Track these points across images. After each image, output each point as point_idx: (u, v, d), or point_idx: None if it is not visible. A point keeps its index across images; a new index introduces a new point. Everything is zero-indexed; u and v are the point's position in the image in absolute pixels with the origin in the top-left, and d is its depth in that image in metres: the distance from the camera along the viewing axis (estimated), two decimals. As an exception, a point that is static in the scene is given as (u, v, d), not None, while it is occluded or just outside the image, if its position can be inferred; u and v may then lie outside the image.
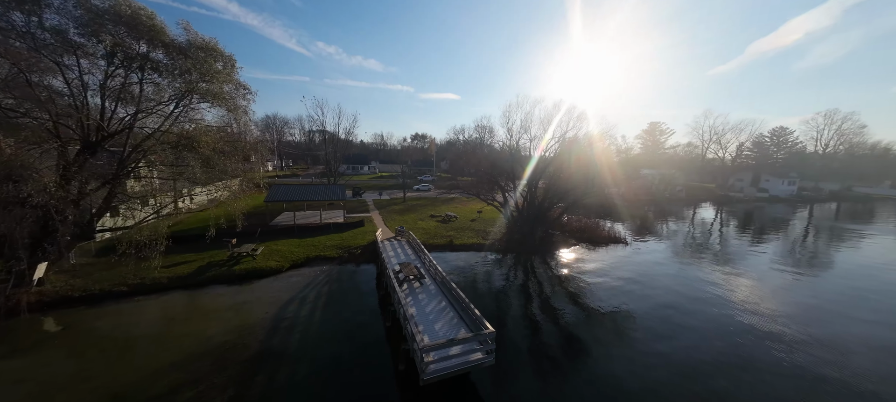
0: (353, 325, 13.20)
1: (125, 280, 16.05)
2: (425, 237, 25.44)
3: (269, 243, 22.68)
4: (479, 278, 18.83)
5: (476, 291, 17.01)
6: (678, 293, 17.38)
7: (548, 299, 16.47)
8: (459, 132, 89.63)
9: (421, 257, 18.05)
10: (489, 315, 14.38)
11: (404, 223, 29.75)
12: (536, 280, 19.05)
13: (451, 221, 31.86)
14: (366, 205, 40.17)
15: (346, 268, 19.75)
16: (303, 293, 15.99)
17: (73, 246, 16.68)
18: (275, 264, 19.08)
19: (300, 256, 20.59)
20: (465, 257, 22.41)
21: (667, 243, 28.08)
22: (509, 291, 17.45)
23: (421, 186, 58.02)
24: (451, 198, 48.84)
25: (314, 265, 19.92)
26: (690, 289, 17.95)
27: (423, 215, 34.64)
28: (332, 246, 22.56)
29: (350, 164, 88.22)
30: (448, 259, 21.87)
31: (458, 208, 39.86)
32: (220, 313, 13.95)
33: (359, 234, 25.80)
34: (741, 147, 78.16)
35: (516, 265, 21.47)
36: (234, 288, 16.54)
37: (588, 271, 20.42)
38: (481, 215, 35.07)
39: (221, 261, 19.04)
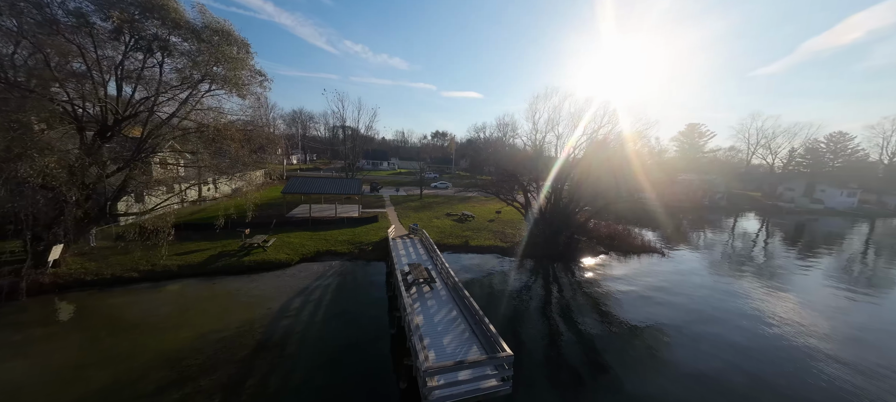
0: (355, 329, 12.23)
1: (137, 266, 16.01)
2: (439, 236, 24.28)
3: (283, 235, 22.35)
4: (496, 284, 17.41)
5: (491, 298, 15.63)
6: (719, 311, 15.21)
7: (572, 312, 14.82)
8: (480, 130, 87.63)
9: (433, 258, 16.89)
10: (505, 327, 13.01)
11: (419, 221, 28.75)
12: (559, 289, 17.37)
13: (468, 220, 30.52)
14: (382, 200, 39.63)
15: (356, 264, 18.94)
16: (308, 290, 15.27)
17: (87, 230, 16.80)
18: (284, 256, 18.58)
19: (311, 249, 20.03)
20: (481, 260, 21.02)
21: (707, 254, 25.30)
22: (528, 300, 15.93)
23: (439, 184, 57.00)
24: (469, 197, 47.47)
25: (324, 260, 19.27)
26: (733, 307, 15.68)
27: (438, 212, 33.53)
28: (343, 241, 21.90)
29: (370, 159, 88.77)
30: (462, 261, 20.59)
31: (475, 207, 38.42)
32: (223, 307, 13.44)
33: (372, 229, 25.04)
34: (793, 153, 71.12)
35: (537, 272, 19.82)
36: (242, 279, 16.11)
37: (618, 283, 18.45)
38: (500, 215, 33.47)
39: (233, 251, 18.78)
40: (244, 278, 16.21)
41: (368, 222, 27.36)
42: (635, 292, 17.19)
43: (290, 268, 17.85)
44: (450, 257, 20.99)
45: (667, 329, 13.42)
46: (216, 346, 10.59)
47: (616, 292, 17.04)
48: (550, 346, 12.06)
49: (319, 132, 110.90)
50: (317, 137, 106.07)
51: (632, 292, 17.08)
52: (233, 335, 11.27)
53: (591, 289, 17.51)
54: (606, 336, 12.85)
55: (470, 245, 23.00)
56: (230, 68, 17.21)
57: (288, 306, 13.54)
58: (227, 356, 10.14)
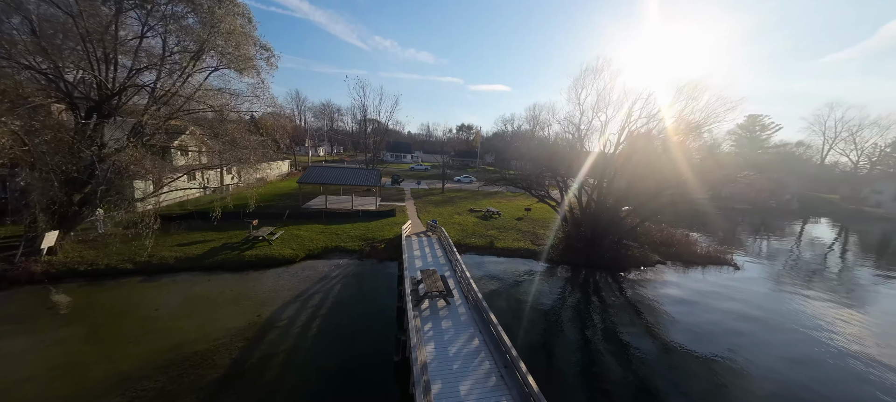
0: (352, 352, 9.97)
1: (134, 257, 14.89)
2: (460, 235, 21.65)
3: (293, 228, 20.80)
4: (526, 296, 14.52)
5: (520, 313, 12.82)
6: (809, 338, 11.34)
7: (618, 334, 11.68)
8: (508, 121, 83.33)
9: (452, 262, 14.33)
10: (537, 352, 10.19)
11: (439, 217, 26.27)
12: (602, 305, 14.16)
13: (493, 217, 27.60)
14: (402, 194, 37.63)
15: (365, 264, 16.83)
16: (307, 294, 13.29)
17: (80, 217, 15.84)
18: (289, 252, 16.86)
19: (319, 245, 18.20)
20: (508, 265, 18.14)
21: (786, 267, 20.61)
22: (564, 316, 12.94)
23: (462, 178, 54.21)
24: (495, 192, 44.34)
25: (331, 258, 17.34)
26: (826, 336, 11.65)
27: (461, 208, 30.86)
28: (355, 236, 19.92)
29: (393, 152, 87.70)
30: (486, 265, 17.84)
31: (501, 203, 35.32)
32: (208, 311, 11.75)
33: (387, 225, 22.92)
34: (879, 150, 60.38)
35: (575, 282, 16.65)
36: (239, 276, 14.50)
37: (676, 299, 14.88)
38: (530, 213, 30.17)
39: (236, 243, 17.36)
40: (242, 276, 14.59)
41: (385, 216, 25.32)
42: (701, 314, 13.59)
43: (293, 266, 16.07)
44: (472, 259, 18.32)
45: (740, 362, 9.96)
46: (183, 366, 8.74)
47: (678, 313, 13.55)
48: (597, 380, 9.09)
49: (346, 125, 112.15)
50: (343, 131, 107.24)
51: (699, 314, 13.50)
52: (208, 350, 9.42)
53: (645, 307, 14.11)
54: (660, 364, 9.66)
55: (495, 247, 20.16)
56: (233, 44, 15.56)
57: (280, 315, 11.59)
58: (190, 381, 8.23)
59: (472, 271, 16.43)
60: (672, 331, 12.29)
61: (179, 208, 24.30)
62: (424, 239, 18.38)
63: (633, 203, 20.31)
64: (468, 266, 16.59)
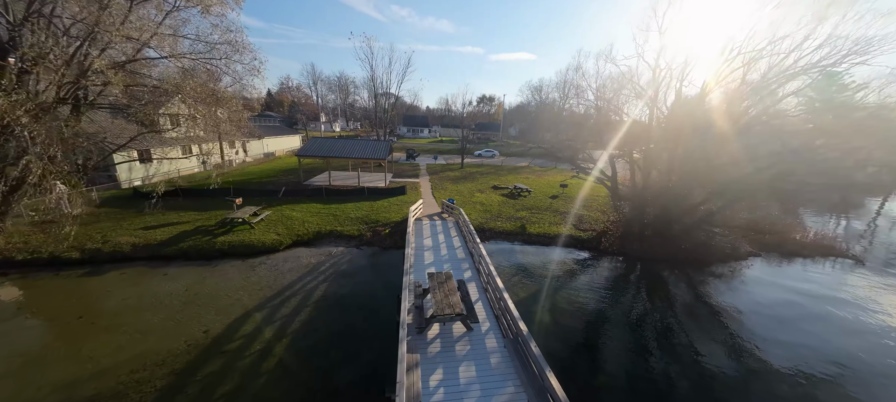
0: (331, 389, 6.57)
1: (82, 244, 12.22)
2: (484, 217, 17.67)
3: (287, 207, 17.67)
4: (577, 303, 10.53)
5: (563, 322, 8.93)
6: None
7: (704, 357, 7.53)
8: (537, 89, 75.89)
9: (474, 257, 10.49)
10: (587, 377, 6.34)
11: (457, 195, 22.31)
12: (678, 313, 9.94)
13: (522, 195, 23.27)
14: (417, 169, 33.84)
15: (364, 254, 13.38)
16: (280, 297, 10.03)
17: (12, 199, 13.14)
18: (273, 238, 13.69)
19: (311, 229, 14.92)
20: (546, 256, 14.08)
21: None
22: (626, 329, 8.90)
23: (484, 152, 49.45)
24: (521, 166, 39.57)
25: (323, 245, 14.04)
26: None
27: (483, 184, 26.67)
28: (356, 218, 16.48)
29: (410, 126, 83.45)
30: (517, 257, 13.88)
31: (529, 178, 30.72)
32: (150, 316, 8.76)
33: (396, 204, 19.31)
34: None
35: (638, 281, 12.40)
36: (203, 269, 11.50)
37: (782, 306, 10.35)
38: (566, 189, 25.49)
39: (211, 227, 14.40)
40: (207, 269, 11.57)
41: (394, 193, 21.71)
42: (827, 332, 9.06)
43: (274, 255, 12.89)
44: (499, 249, 14.41)
45: None
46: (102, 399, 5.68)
47: (797, 331, 9.09)
48: None
49: (363, 100, 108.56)
50: (360, 107, 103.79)
51: (818, 334, 8.99)
52: (116, 390, 6.33)
53: (736, 316, 9.73)
54: None
55: (528, 232, 16.04)
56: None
57: (236, 331, 8.38)
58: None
59: (500, 264, 12.55)
60: (774, 351, 7.96)
61: (168, 185, 21.96)
62: (438, 223, 14.58)
63: (708, 179, 15.25)
64: (494, 258, 12.71)
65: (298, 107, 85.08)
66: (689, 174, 14.93)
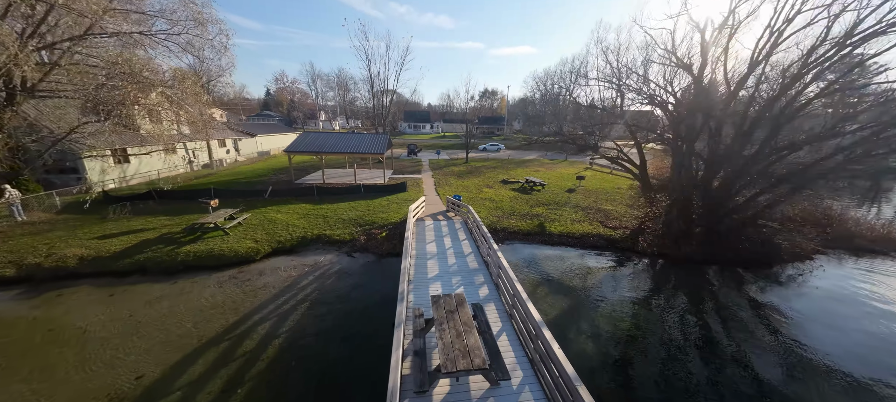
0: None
1: (22, 258, 10.22)
2: (495, 215, 15.45)
3: (271, 209, 15.62)
4: (613, 317, 8.29)
5: (611, 352, 6.71)
6: None
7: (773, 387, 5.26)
8: (542, 80, 72.91)
9: (488, 264, 8.29)
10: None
11: (464, 191, 20.10)
12: (733, 331, 7.67)
13: (535, 189, 20.97)
14: (419, 165, 31.66)
15: (357, 263, 11.23)
16: (247, 324, 7.93)
17: None
18: (248, 246, 11.61)
19: (296, 234, 12.81)
20: (573, 260, 11.81)
21: None
22: (701, 364, 6.64)
23: (488, 146, 47.08)
24: (528, 159, 37.28)
25: (308, 253, 11.91)
26: None
27: (490, 179, 24.41)
28: (349, 220, 14.35)
29: (411, 122, 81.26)
30: (537, 260, 11.64)
31: (540, 171, 28.40)
32: (79, 354, 6.71)
33: (395, 202, 17.16)
34: None
35: (695, 291, 10.11)
36: (158, 289, 9.43)
37: (879, 319, 8.02)
38: (583, 182, 23.12)
39: (177, 234, 12.35)
40: (163, 287, 9.51)
41: (394, 190, 19.55)
42: None
43: (248, 267, 10.80)
44: (514, 250, 12.18)
45: None
46: None
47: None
48: None
49: (362, 98, 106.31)
50: (360, 107, 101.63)
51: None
52: None
53: (841, 347, 7.42)
54: None
55: (549, 232, 13.77)
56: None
57: (177, 377, 6.30)
58: None
59: (520, 272, 10.34)
60: None
61: (150, 187, 20.02)
62: (443, 224, 12.39)
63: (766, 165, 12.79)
64: (512, 261, 10.48)
65: (295, 104, 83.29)
66: (741, 160, 12.50)
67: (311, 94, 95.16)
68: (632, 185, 22.86)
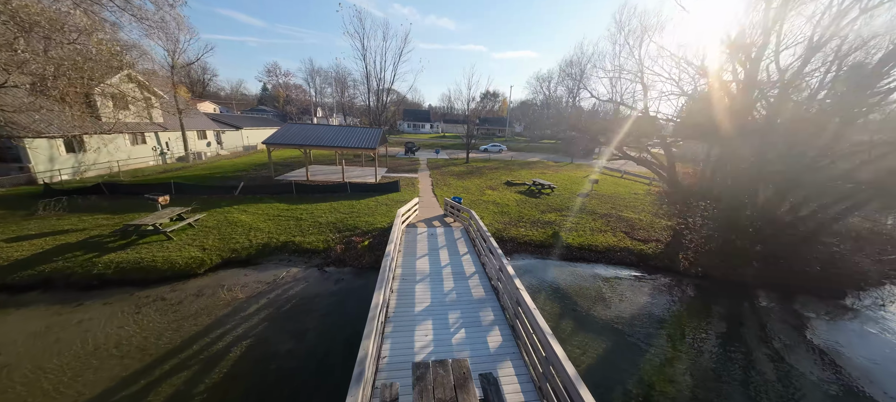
0: None
1: None
2: (501, 223, 13.12)
3: (235, 208, 13.23)
4: (658, 367, 5.96)
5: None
6: None
7: None
8: (545, 80, 70.85)
9: (498, 292, 5.95)
10: None
11: (464, 192, 17.79)
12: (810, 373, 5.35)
13: (544, 193, 18.67)
14: (416, 164, 29.34)
15: (327, 280, 8.83)
16: (154, 373, 5.53)
17: None
18: (193, 255, 9.21)
19: (257, 240, 10.41)
20: (598, 282, 9.46)
21: None
22: None
23: (490, 147, 44.83)
24: (533, 161, 35.08)
25: (269, 265, 9.50)
26: None
27: (493, 180, 22.10)
28: (327, 224, 11.97)
29: (411, 121, 79.05)
30: (555, 280, 9.29)
31: (546, 174, 26.14)
32: None
33: (385, 204, 14.80)
34: None
35: (765, 327, 7.78)
36: (53, 312, 7.00)
37: None
38: (597, 185, 20.82)
39: (106, 238, 9.92)
40: (60, 310, 7.08)
41: (385, 190, 17.20)
42: None
43: (184, 284, 8.38)
44: (526, 266, 9.83)
45: None
46: None
47: None
48: None
49: (361, 95, 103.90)
50: (357, 103, 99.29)
51: None
52: None
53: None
54: None
55: (567, 244, 11.42)
56: None
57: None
58: None
59: (537, 296, 7.99)
60: None
61: (109, 178, 17.57)
62: (440, 232, 10.06)
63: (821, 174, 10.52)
64: (525, 282, 8.11)
65: (291, 100, 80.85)
66: (796, 167, 10.20)
67: (308, 90, 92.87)
68: (649, 190, 20.65)
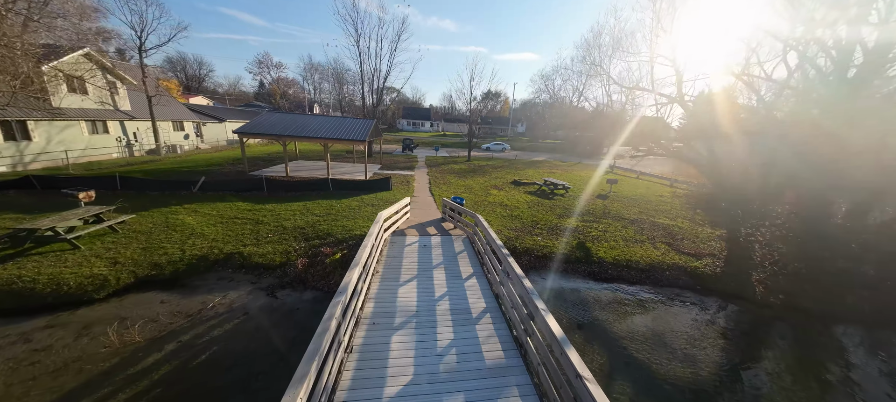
0: None
1: None
2: (513, 230, 10.62)
3: (181, 209, 10.74)
4: None
5: None
6: None
7: None
8: (549, 78, 68.20)
9: (527, 351, 3.44)
10: None
11: (466, 192, 15.32)
12: None
13: (557, 194, 16.19)
14: (413, 161, 26.88)
15: (273, 312, 6.31)
16: None
17: None
18: (97, 271, 6.71)
19: (194, 251, 7.89)
20: (644, 312, 7.00)
21: None
22: None
23: (492, 146, 42.35)
24: (538, 161, 32.71)
25: (199, 287, 6.98)
26: None
27: (498, 179, 19.63)
28: (292, 229, 9.46)
29: (410, 119, 76.67)
30: (592, 311, 6.80)
31: (556, 173, 23.68)
32: None
33: (371, 204, 12.31)
34: None
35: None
36: None
37: None
38: (615, 187, 18.30)
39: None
40: None
41: (373, 188, 14.72)
42: None
43: (71, 314, 5.88)
44: (555, 293, 7.33)
45: None
46: None
47: None
48: None
49: (359, 91, 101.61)
50: (357, 104, 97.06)
51: None
52: None
53: None
54: None
55: (599, 259, 8.90)
56: None
57: None
58: None
59: (577, 339, 5.42)
60: None
61: (53, 173, 15.06)
62: (436, 244, 7.59)
63: None
64: (554, 311, 5.59)
65: (286, 96, 78.24)
66: None
67: (306, 87, 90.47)
68: (674, 192, 18.21)
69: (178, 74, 78.62)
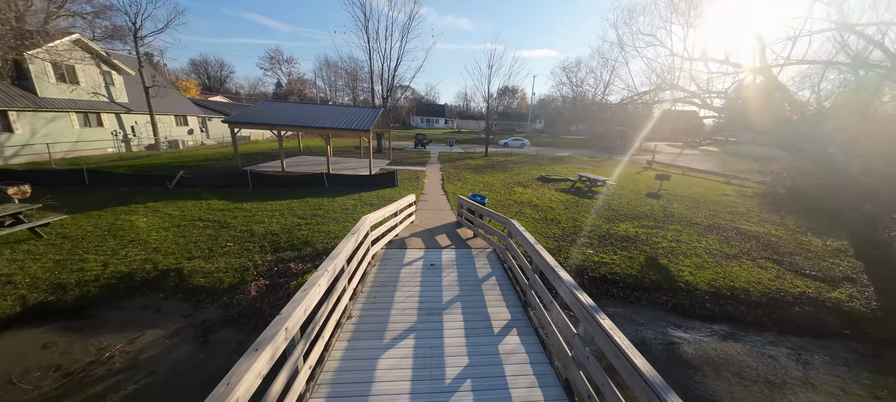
0: None
1: None
2: (552, 240, 8.00)
3: (142, 207, 8.85)
4: None
5: None
6: None
7: None
8: (572, 70, 64.05)
9: None
10: None
11: (486, 189, 12.81)
12: None
13: (596, 192, 13.36)
14: (425, 157, 24.57)
15: (204, 372, 4.11)
16: None
17: None
18: (-26, 295, 4.73)
19: (121, 266, 5.85)
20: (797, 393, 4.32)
21: None
22: None
23: (511, 141, 39.36)
24: (563, 156, 29.60)
25: (108, 321, 4.85)
26: None
27: (522, 175, 16.97)
28: (262, 235, 7.29)
29: (424, 116, 74.63)
30: (701, 388, 4.18)
31: (585, 169, 20.68)
32: None
33: (370, 204, 10.03)
34: None
35: None
36: None
37: None
38: (668, 183, 15.21)
39: None
40: None
41: (378, 185, 12.46)
42: None
43: None
44: (638, 344, 4.76)
45: None
46: None
47: None
48: None
49: (376, 91, 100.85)
50: (370, 104, 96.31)
51: None
52: None
53: None
54: None
55: (686, 285, 6.20)
56: None
57: None
58: None
59: None
60: None
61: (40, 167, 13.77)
62: (446, 262, 5.16)
63: None
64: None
65: (303, 95, 78.01)
66: None
67: (322, 86, 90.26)
68: (743, 190, 14.98)
69: (201, 76, 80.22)
